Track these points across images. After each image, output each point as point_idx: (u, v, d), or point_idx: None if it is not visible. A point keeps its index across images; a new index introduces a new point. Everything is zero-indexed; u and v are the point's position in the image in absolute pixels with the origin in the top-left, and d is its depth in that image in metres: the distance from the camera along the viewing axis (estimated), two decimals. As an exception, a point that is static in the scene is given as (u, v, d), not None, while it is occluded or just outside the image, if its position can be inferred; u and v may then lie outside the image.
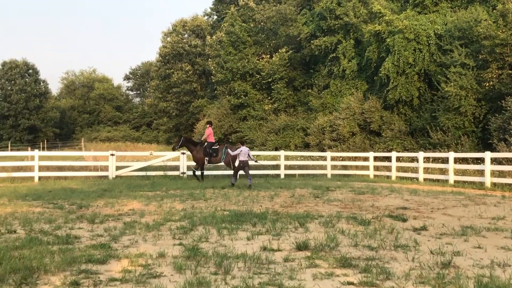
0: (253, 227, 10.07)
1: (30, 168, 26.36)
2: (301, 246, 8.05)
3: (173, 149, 24.89)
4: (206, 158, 23.46)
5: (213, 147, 23.72)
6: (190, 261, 7.10)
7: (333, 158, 29.75)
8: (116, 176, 26.10)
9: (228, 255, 7.46)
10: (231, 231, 9.51)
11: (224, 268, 6.68)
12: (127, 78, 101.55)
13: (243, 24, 50.58)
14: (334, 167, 29.31)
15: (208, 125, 24.53)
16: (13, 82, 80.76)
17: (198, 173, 23.95)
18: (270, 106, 47.85)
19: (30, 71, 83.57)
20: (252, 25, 51.07)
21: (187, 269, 6.65)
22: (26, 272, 6.37)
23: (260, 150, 40.50)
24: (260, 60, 48.86)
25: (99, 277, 6.27)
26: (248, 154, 20.78)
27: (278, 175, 27.67)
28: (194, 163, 24.28)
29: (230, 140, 48.06)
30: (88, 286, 5.87)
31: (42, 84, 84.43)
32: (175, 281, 6.11)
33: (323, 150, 35.25)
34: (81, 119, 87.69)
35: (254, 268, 6.79)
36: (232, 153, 21.53)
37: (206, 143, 23.74)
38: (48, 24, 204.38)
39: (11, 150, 60.65)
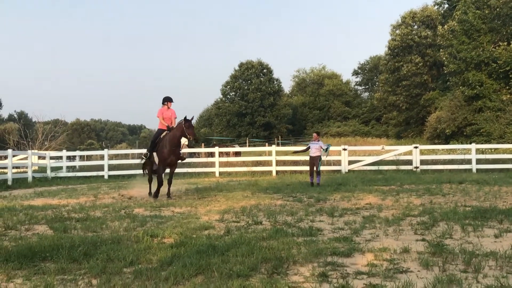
0: (499, 224, 9.48)
1: (268, 163, 27.85)
2: (558, 247, 7.39)
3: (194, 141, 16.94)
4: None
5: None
6: (436, 257, 6.88)
7: None
8: (349, 170, 26.48)
9: (476, 252, 7.10)
10: (476, 228, 9.04)
11: (473, 266, 6.36)
12: (355, 73, 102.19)
13: (477, 11, 48.00)
14: None
15: (169, 103, 16.91)
16: (249, 81, 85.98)
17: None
18: (508, 96, 44.88)
19: (265, 70, 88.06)
20: (487, 12, 48.21)
21: (434, 265, 6.45)
22: (276, 262, 6.64)
23: (498, 143, 38.15)
24: (497, 48, 46.04)
25: (345, 270, 6.35)
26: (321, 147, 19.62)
27: (521, 170, 25.96)
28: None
29: (465, 133, 46.03)
30: (336, 278, 5.97)
31: (275, 82, 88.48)
32: (424, 277, 5.96)
33: None
34: (311, 115, 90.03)
35: (507, 267, 6.37)
36: (313, 148, 19.87)
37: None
38: (279, 26, 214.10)
39: (249, 146, 64.47)
